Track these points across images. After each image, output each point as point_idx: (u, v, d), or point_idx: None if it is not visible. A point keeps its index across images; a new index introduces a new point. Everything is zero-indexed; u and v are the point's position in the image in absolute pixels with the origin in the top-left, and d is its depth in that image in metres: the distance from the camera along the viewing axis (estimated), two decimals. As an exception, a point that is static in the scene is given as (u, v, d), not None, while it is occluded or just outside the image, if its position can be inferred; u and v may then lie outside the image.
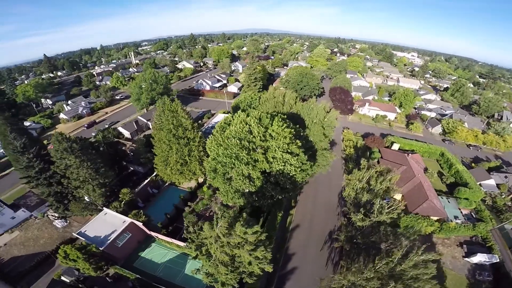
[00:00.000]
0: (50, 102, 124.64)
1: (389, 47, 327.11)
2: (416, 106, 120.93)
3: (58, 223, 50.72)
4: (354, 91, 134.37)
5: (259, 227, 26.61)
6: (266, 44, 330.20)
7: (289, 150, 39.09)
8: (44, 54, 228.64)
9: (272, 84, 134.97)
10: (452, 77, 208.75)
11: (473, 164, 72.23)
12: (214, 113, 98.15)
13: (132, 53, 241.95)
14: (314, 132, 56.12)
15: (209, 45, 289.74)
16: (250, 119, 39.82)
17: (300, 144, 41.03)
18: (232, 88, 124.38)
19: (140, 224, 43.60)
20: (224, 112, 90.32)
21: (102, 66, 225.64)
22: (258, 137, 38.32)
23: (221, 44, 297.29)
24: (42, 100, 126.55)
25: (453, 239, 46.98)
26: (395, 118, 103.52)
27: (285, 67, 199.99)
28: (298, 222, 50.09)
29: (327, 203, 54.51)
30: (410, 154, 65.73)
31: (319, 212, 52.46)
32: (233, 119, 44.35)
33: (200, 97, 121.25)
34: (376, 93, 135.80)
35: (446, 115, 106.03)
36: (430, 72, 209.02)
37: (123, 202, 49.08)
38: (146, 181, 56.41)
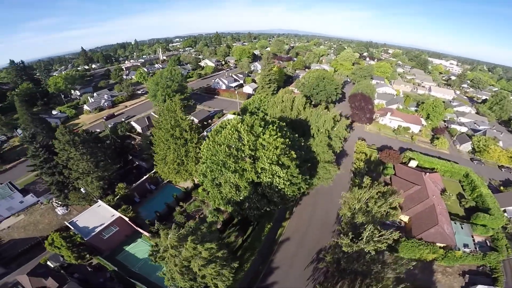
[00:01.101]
0: (79, 93, 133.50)
1: (425, 54, 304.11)
2: (445, 119, 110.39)
3: (59, 210, 53.36)
4: (377, 99, 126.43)
5: (213, 244, 24.99)
6: (291, 45, 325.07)
7: (280, 162, 36.83)
8: (81, 47, 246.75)
9: (289, 87, 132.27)
10: (493, 88, 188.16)
11: (501, 188, 63.71)
12: (225, 113, 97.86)
13: (160, 49, 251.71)
14: (318, 142, 52.88)
15: (234, 44, 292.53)
16: (240, 126, 38.14)
17: (294, 155, 38.38)
18: (247, 88, 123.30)
19: (126, 219, 44.17)
20: (234, 113, 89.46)
21: (132, 61, 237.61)
22: (247, 146, 36.53)
23: (246, 44, 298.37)
24: (72, 91, 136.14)
25: (456, 268, 42.06)
26: (420, 131, 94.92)
27: (306, 69, 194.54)
28: (289, 235, 47.38)
29: (325, 218, 50.99)
30: (427, 173, 59.57)
31: (314, 227, 49.19)
32: (228, 124, 43.06)
33: (216, 96, 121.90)
34: (402, 102, 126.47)
35: (479, 131, 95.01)
36: (468, 82, 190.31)
37: (117, 197, 50.21)
38: (145, 177, 57.30)
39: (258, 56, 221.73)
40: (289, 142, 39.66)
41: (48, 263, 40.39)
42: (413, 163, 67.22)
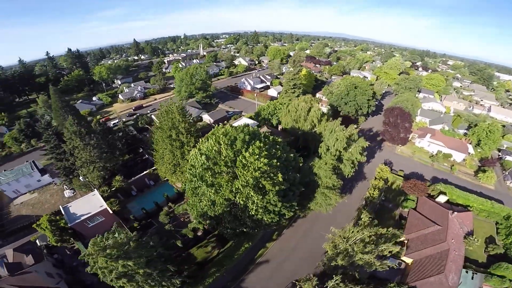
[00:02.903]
0: (119, 83, 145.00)
1: (493, 68, 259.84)
2: (501, 148, 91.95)
3: (67, 193, 57.31)
4: (419, 116, 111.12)
5: (131, 262, 23.49)
6: (334, 49, 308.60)
7: (260, 185, 32.94)
8: (134, 39, 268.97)
9: (317, 94, 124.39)
10: None
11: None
12: (243, 115, 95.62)
13: (201, 44, 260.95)
14: (321, 165, 46.08)
15: (274, 44, 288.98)
16: (222, 138, 35.28)
17: (280, 179, 33.69)
18: (272, 91, 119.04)
19: (110, 211, 45.55)
20: (250, 117, 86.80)
21: (175, 55, 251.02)
22: (223, 162, 33.57)
23: (285, 44, 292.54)
24: (115, 80, 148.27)
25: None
26: (463, 160, 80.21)
27: (344, 75, 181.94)
28: (270, 257, 43.68)
29: (314, 247, 44.92)
30: (455, 212, 49.64)
31: (299, 254, 44.36)
32: (217, 132, 40.41)
33: (240, 96, 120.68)
34: (450, 122, 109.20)
35: (546, 168, 76.53)
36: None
37: (112, 188, 52.03)
38: (144, 172, 58.43)
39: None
40: (277, 163, 35.03)
41: (37, 241, 43.61)
42: (441, 199, 56.71)
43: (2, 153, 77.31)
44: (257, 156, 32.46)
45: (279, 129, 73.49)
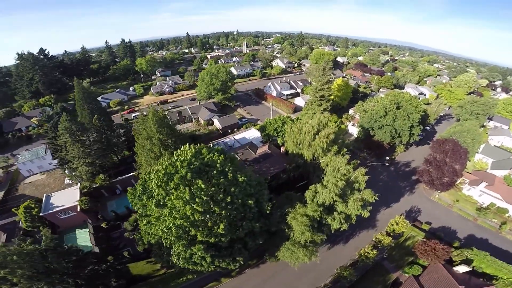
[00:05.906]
0: (158, 75, 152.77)
1: None
2: None
3: (66, 180, 60.86)
4: (481, 153, 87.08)
5: (5, 272, 23.83)
6: (394, 58, 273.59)
7: (191, 233, 27.37)
8: (187, 32, 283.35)
9: (350, 110, 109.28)
10: None
11: None
12: (257, 124, 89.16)
13: (245, 42, 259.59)
14: (297, 215, 35.52)
15: (325, 47, 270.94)
16: (160, 171, 30.20)
17: (222, 230, 27.27)
18: (299, 100, 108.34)
19: (78, 207, 46.44)
20: (258, 128, 79.72)
21: (220, 51, 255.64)
22: (155, 200, 28.97)
23: (337, 49, 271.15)
24: (156, 72, 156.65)
25: None
26: (524, 219, 59.98)
27: (396, 89, 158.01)
28: (220, 294, 38.51)
29: None
30: None
31: None
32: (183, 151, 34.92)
33: (262, 102, 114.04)
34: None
35: None
36: None
37: (93, 186, 53.11)
38: (129, 174, 57.99)
39: (340, 64, 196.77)
40: (222, 212, 28.10)
41: (20, 222, 46.88)
42: (461, 268, 41.94)
43: (40, 131, 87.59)
44: (184, 202, 26.49)
45: (281, 150, 65.28)
